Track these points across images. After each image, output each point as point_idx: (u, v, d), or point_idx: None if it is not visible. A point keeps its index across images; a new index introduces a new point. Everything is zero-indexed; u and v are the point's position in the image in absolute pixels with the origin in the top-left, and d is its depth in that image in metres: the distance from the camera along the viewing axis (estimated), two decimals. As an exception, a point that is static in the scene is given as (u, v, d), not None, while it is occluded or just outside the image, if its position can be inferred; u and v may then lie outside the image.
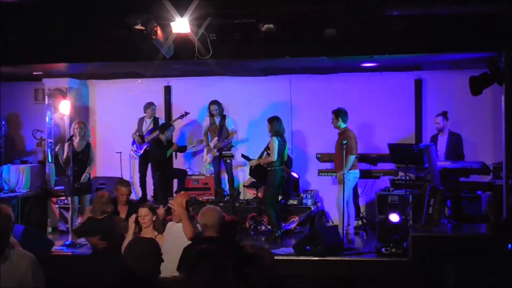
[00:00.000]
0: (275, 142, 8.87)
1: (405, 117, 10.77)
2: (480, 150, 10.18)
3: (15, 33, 8.51)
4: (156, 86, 11.73)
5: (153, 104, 11.09)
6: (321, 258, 7.74)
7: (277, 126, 8.93)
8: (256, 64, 10.43)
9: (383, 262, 7.76)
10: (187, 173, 10.95)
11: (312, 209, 10.13)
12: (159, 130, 10.34)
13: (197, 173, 11.38)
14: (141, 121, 11.07)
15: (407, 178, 9.32)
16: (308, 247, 7.83)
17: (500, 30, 7.87)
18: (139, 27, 7.81)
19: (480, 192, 9.43)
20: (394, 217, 8.19)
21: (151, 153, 10.48)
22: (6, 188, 10.57)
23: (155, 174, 10.36)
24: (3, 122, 11.02)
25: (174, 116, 11.36)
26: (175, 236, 5.69)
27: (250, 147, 10.91)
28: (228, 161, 10.51)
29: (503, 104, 8.17)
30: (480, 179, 9.41)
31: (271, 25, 8.06)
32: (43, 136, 11.41)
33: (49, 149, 11.13)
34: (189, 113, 10.99)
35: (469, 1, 7.65)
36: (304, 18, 8.17)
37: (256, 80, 11.34)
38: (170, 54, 8.43)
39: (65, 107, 10.93)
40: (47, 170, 11.16)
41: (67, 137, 9.95)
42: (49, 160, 11.11)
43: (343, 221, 8.77)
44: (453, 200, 9.08)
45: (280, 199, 9.70)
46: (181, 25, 7.78)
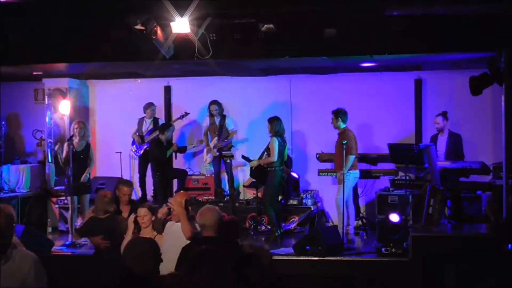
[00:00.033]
0: (275, 143, 8.86)
1: (405, 117, 10.77)
2: (480, 150, 10.18)
3: (15, 33, 8.50)
4: (156, 86, 11.73)
5: (153, 105, 11.09)
6: (321, 258, 7.74)
7: (277, 126, 8.92)
8: (256, 64, 10.43)
9: (383, 262, 7.76)
10: (187, 173, 10.94)
11: (312, 209, 10.13)
12: (159, 130, 10.34)
13: (197, 173, 11.38)
14: (141, 122, 11.07)
15: (407, 178, 9.32)
16: (308, 247, 7.83)
17: (500, 30, 7.87)
18: (139, 27, 7.80)
19: (480, 192, 9.42)
20: (394, 217, 8.19)
21: (151, 153, 10.47)
22: (6, 188, 10.57)
23: (155, 174, 10.35)
24: (3, 122, 11.01)
25: (174, 116, 11.36)
26: (174, 236, 5.68)
27: (250, 147, 10.91)
28: (228, 161, 10.51)
29: (503, 104, 8.17)
30: (480, 179, 9.41)
31: (271, 25, 8.06)
32: (43, 136, 11.41)
33: (49, 149, 11.13)
34: (189, 113, 10.98)
35: (469, 1, 7.65)
36: (304, 18, 8.17)
37: (256, 80, 11.33)
38: (170, 54, 8.42)
39: (65, 107, 10.94)
40: (47, 170, 11.17)
41: (67, 137, 9.96)
42: (49, 160, 11.12)
43: (343, 221, 8.77)
44: (453, 200, 9.08)
45: (280, 199, 9.70)
46: (181, 25, 7.78)
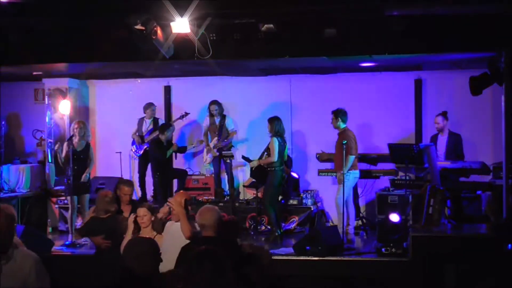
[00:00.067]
0: (275, 143, 8.86)
1: (405, 117, 10.77)
2: (480, 150, 10.18)
3: (15, 33, 8.51)
4: (156, 86, 11.72)
5: (153, 105, 11.08)
6: (321, 258, 7.73)
7: (277, 126, 8.92)
8: (256, 64, 10.43)
9: (383, 262, 7.76)
10: (187, 173, 10.94)
11: (312, 209, 10.13)
12: (159, 130, 10.33)
13: (197, 173, 11.38)
14: (141, 122, 11.07)
15: (407, 178, 9.31)
16: (308, 247, 7.83)
17: (500, 30, 7.86)
18: (139, 27, 7.80)
19: (480, 192, 9.43)
20: (394, 217, 8.18)
21: (151, 154, 10.46)
22: (6, 188, 10.57)
23: (155, 174, 10.33)
24: (3, 122, 11.01)
25: (174, 116, 11.36)
26: (174, 236, 5.68)
27: (250, 147, 10.91)
28: (228, 161, 10.51)
29: (503, 104, 8.17)
30: (480, 179, 9.41)
31: (271, 25, 8.06)
32: (43, 136, 11.41)
33: (49, 149, 11.13)
34: (189, 114, 10.98)
35: (469, 1, 7.65)
36: (304, 18, 8.16)
37: (256, 80, 11.33)
38: (170, 54, 8.42)
39: (65, 107, 10.94)
40: (47, 170, 11.17)
41: (67, 137, 9.95)
42: (49, 160, 11.12)
43: (343, 220, 8.77)
44: (453, 200, 9.08)
45: (280, 199, 9.70)
46: (181, 25, 7.77)
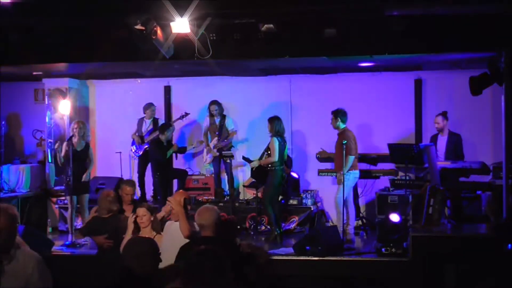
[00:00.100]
0: (276, 143, 8.86)
1: (405, 117, 10.77)
2: (480, 150, 10.17)
3: (15, 33, 8.51)
4: (156, 86, 11.72)
5: (153, 105, 11.08)
6: (321, 258, 7.73)
7: (277, 126, 8.93)
8: (256, 64, 10.43)
9: (383, 262, 7.76)
10: (187, 173, 10.94)
11: (312, 209, 10.14)
12: (159, 131, 10.31)
13: (197, 173, 11.38)
14: (141, 122, 11.06)
15: (407, 178, 9.32)
16: (308, 247, 7.83)
17: (500, 30, 7.86)
18: (139, 27, 7.79)
19: (480, 192, 9.43)
20: (395, 217, 8.18)
21: (151, 154, 10.44)
22: (6, 188, 10.57)
23: (155, 174, 10.31)
24: (3, 122, 11.02)
25: (174, 116, 11.35)
26: (173, 235, 5.68)
27: (250, 147, 10.92)
28: (228, 161, 10.50)
29: (503, 104, 8.17)
30: (480, 179, 9.41)
31: (271, 25, 8.06)
32: (43, 136, 11.41)
33: (49, 149, 11.13)
34: (189, 114, 10.97)
35: (469, 1, 7.65)
36: (304, 18, 8.16)
37: (256, 80, 11.33)
38: (170, 54, 8.42)
39: (65, 107, 10.94)
40: (47, 170, 11.17)
41: (67, 137, 9.95)
42: (49, 160, 11.12)
43: (342, 220, 8.78)
44: (453, 200, 9.08)
45: (280, 199, 9.70)
46: (181, 25, 7.77)
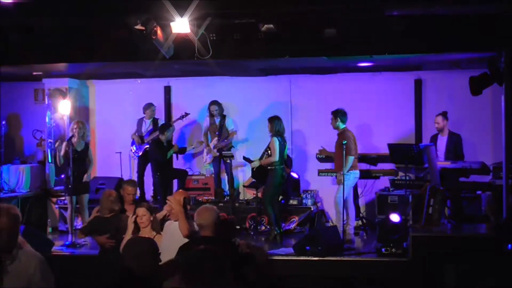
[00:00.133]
0: (276, 142, 8.87)
1: (405, 117, 10.77)
2: (480, 150, 10.17)
3: (15, 33, 8.51)
4: (156, 86, 11.72)
5: (153, 105, 11.08)
6: (321, 258, 7.73)
7: (278, 126, 8.93)
8: (256, 64, 10.43)
9: (383, 262, 7.76)
10: (187, 173, 10.93)
11: (312, 209, 10.14)
12: (159, 131, 10.30)
13: (197, 173, 11.38)
14: (140, 122, 11.06)
15: (407, 178, 9.32)
16: (308, 247, 7.83)
17: (500, 30, 7.86)
18: (139, 27, 7.79)
19: (480, 192, 9.43)
20: (395, 217, 8.18)
21: (151, 154, 10.43)
22: (6, 188, 10.57)
23: (155, 174, 10.30)
24: (3, 122, 11.01)
25: (174, 116, 11.35)
26: (173, 235, 5.68)
27: (250, 147, 10.91)
28: (228, 161, 10.49)
29: (503, 104, 8.17)
30: (480, 179, 9.41)
31: (271, 25, 8.05)
32: (43, 136, 11.41)
33: (49, 149, 11.13)
34: (189, 114, 10.97)
35: (469, 1, 7.64)
36: (304, 18, 8.16)
37: (256, 80, 11.33)
38: (170, 54, 8.42)
39: (65, 107, 10.94)
40: (47, 170, 11.17)
41: (67, 137, 9.95)
42: (49, 160, 11.12)
43: (342, 219, 8.78)
44: (453, 200, 9.07)
45: (280, 199, 9.70)
46: (181, 25, 7.77)
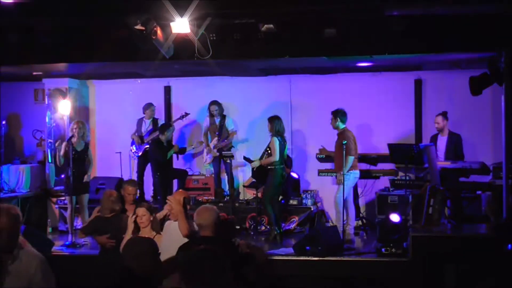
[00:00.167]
0: (276, 142, 8.87)
1: (405, 117, 10.77)
2: (480, 150, 10.17)
3: (15, 33, 8.51)
4: (156, 86, 11.72)
5: (153, 105, 11.07)
6: (321, 258, 7.73)
7: (278, 126, 8.94)
8: (256, 64, 10.42)
9: (383, 262, 7.75)
10: (187, 173, 10.93)
11: (312, 209, 10.14)
12: (159, 131, 10.29)
13: (197, 173, 11.38)
14: (140, 122, 11.05)
15: (407, 178, 9.32)
16: (308, 247, 7.82)
17: (500, 30, 7.86)
18: (139, 27, 7.79)
19: (480, 192, 9.43)
20: (395, 217, 8.18)
21: (151, 154, 10.42)
22: (6, 188, 10.57)
23: (155, 174, 10.29)
24: (3, 122, 11.01)
25: (174, 116, 11.34)
26: (172, 235, 5.67)
27: (250, 147, 10.92)
28: (228, 161, 10.49)
29: (503, 104, 8.17)
30: (480, 179, 9.41)
31: (271, 25, 8.05)
32: (43, 136, 11.41)
33: (49, 149, 11.13)
34: (189, 114, 10.97)
35: (469, 1, 7.65)
36: (304, 18, 8.16)
37: (256, 80, 11.33)
38: (170, 54, 8.42)
39: (65, 107, 10.94)
40: (47, 170, 11.17)
41: (67, 138, 9.95)
42: (49, 160, 11.12)
43: (341, 219, 8.78)
44: (453, 200, 9.08)
45: (280, 199, 9.70)
46: (181, 25, 7.76)
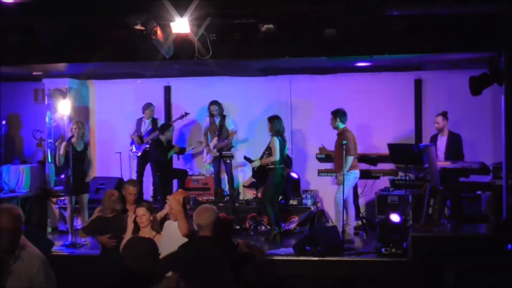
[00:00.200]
0: (276, 142, 8.88)
1: (405, 117, 10.76)
2: (480, 150, 10.17)
3: (15, 33, 8.51)
4: (156, 86, 11.71)
5: (152, 105, 11.06)
6: (321, 258, 7.72)
7: (277, 126, 8.94)
8: (256, 64, 10.42)
9: (383, 262, 7.75)
10: (187, 173, 10.92)
11: (312, 209, 10.14)
12: (159, 131, 10.27)
13: (197, 174, 11.37)
14: (139, 122, 11.04)
15: (407, 178, 9.32)
16: (308, 247, 7.82)
17: (500, 30, 7.86)
18: (139, 27, 7.79)
19: (480, 192, 9.43)
20: (395, 217, 8.18)
21: (151, 154, 10.40)
22: (6, 188, 10.57)
23: (155, 174, 10.28)
24: (3, 122, 11.01)
25: (174, 117, 11.33)
26: (172, 235, 5.67)
27: (250, 147, 10.91)
28: (228, 161, 10.49)
29: (503, 104, 8.17)
30: (480, 179, 9.41)
31: (271, 25, 8.05)
32: (43, 136, 11.41)
33: (49, 149, 11.13)
34: (189, 114, 10.97)
35: (469, 1, 7.65)
36: (304, 18, 8.16)
37: (256, 80, 11.33)
38: (170, 54, 8.42)
39: (65, 107, 10.93)
40: (47, 171, 11.17)
41: (67, 138, 9.94)
42: (49, 160, 11.12)
43: (341, 219, 8.78)
44: (453, 200, 9.08)
45: (280, 199, 9.70)
46: (181, 25, 7.76)
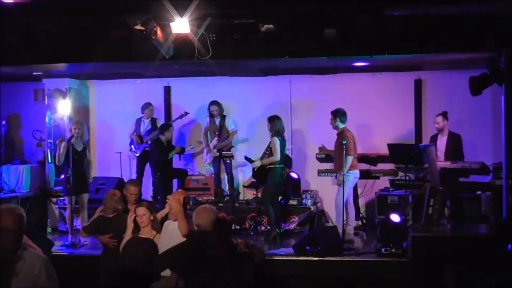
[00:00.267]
0: (277, 142, 8.88)
1: (405, 117, 10.76)
2: (480, 150, 10.16)
3: (15, 33, 8.51)
4: (156, 86, 11.71)
5: (151, 105, 11.06)
6: (321, 258, 7.73)
7: (277, 126, 8.95)
8: (256, 64, 10.42)
9: (383, 262, 7.75)
10: (187, 173, 10.92)
11: (312, 210, 10.14)
12: (159, 131, 10.28)
13: (197, 174, 11.37)
14: (139, 122, 11.04)
15: (407, 178, 9.32)
16: (308, 248, 7.82)
17: (500, 30, 7.86)
18: (139, 27, 7.79)
19: (480, 192, 9.43)
20: (395, 217, 8.18)
21: (152, 154, 10.40)
22: (6, 188, 10.57)
23: (155, 174, 10.29)
24: (3, 122, 11.01)
25: (174, 117, 11.34)
26: (172, 235, 5.67)
27: (250, 147, 10.92)
28: (228, 162, 10.49)
29: (503, 104, 8.17)
30: (480, 179, 9.41)
31: (271, 25, 8.05)
32: (43, 137, 11.41)
33: (49, 149, 11.13)
34: (189, 113, 10.97)
35: (469, 1, 7.65)
36: (304, 18, 8.16)
37: (256, 80, 11.33)
38: (170, 54, 8.41)
39: (65, 107, 10.93)
40: (47, 171, 11.17)
41: (67, 138, 9.94)
42: (49, 160, 11.12)
43: (342, 221, 8.78)
44: (453, 200, 9.07)
45: (280, 199, 9.70)
46: (181, 25, 7.76)
